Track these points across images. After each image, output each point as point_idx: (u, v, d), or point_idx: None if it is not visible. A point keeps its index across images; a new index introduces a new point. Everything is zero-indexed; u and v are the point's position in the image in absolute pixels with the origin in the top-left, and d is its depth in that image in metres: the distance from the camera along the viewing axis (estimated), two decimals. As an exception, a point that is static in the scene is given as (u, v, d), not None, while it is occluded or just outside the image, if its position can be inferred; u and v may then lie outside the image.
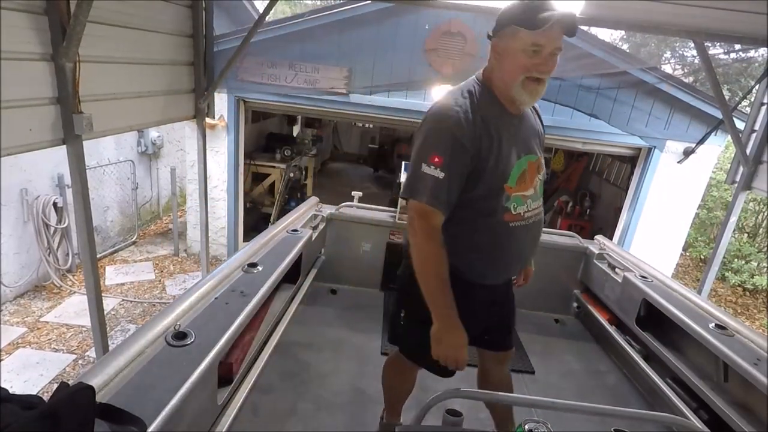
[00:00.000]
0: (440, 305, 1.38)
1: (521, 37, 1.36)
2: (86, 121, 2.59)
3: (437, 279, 1.38)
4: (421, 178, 1.37)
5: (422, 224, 1.37)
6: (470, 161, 1.39)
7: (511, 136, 1.47)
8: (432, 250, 1.38)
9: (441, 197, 1.37)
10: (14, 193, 4.67)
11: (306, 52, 5.22)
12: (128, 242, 6.45)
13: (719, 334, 1.98)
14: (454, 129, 1.37)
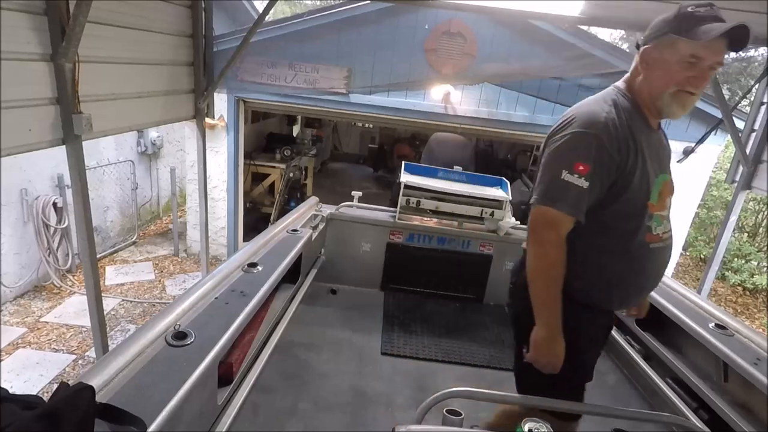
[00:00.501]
0: (551, 313, 1.35)
1: (680, 47, 1.25)
2: (86, 121, 2.59)
3: (556, 287, 1.34)
4: (563, 187, 1.31)
5: (554, 234, 1.33)
6: (615, 173, 1.32)
7: (652, 151, 1.40)
8: (559, 259, 1.34)
9: (581, 208, 1.31)
10: (14, 193, 4.67)
11: (306, 52, 5.22)
12: (128, 242, 6.45)
13: (719, 334, 1.97)
14: (603, 137, 1.29)
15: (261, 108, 6.11)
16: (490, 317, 3.09)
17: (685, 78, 1.27)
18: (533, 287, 1.36)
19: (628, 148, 1.33)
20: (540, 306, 1.36)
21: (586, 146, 1.30)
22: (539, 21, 4.54)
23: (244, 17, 9.10)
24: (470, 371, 2.49)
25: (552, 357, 1.36)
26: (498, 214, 3.09)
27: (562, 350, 1.36)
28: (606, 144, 1.30)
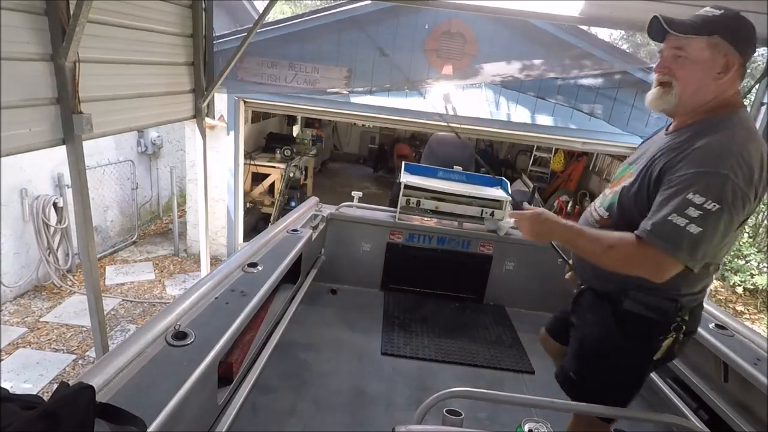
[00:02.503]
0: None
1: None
2: (86, 121, 2.59)
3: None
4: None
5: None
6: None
7: (645, 148, 1.43)
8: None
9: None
10: (14, 192, 4.67)
11: (306, 52, 5.23)
12: (128, 242, 6.45)
13: (719, 334, 1.98)
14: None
15: (261, 108, 6.11)
16: (489, 317, 3.09)
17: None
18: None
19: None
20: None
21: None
22: (539, 21, 4.54)
23: (244, 17, 9.11)
24: (470, 371, 2.49)
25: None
26: (498, 214, 3.09)
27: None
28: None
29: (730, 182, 1.10)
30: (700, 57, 1.22)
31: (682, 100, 1.26)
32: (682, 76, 1.25)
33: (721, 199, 1.10)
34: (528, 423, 1.28)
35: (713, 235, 1.12)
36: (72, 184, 2.72)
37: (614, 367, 1.41)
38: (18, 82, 2.28)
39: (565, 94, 5.29)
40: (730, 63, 1.22)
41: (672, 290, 1.28)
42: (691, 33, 1.22)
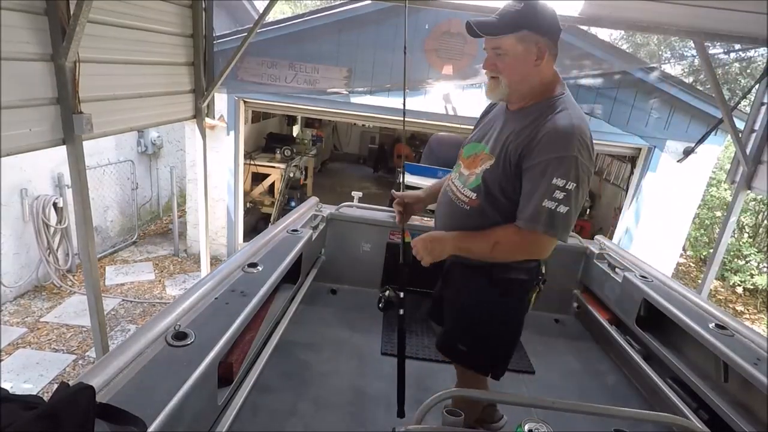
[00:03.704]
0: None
1: None
2: (86, 121, 2.59)
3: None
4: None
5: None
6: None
7: (488, 125, 1.57)
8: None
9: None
10: (14, 193, 4.67)
11: (306, 52, 5.23)
12: (128, 242, 6.46)
13: (719, 334, 1.98)
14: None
15: (261, 108, 6.11)
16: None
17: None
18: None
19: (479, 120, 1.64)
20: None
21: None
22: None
23: (244, 17, 9.11)
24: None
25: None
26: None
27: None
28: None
29: (579, 162, 1.28)
30: (515, 51, 1.35)
31: (512, 90, 1.41)
32: (505, 71, 1.39)
33: (577, 178, 1.28)
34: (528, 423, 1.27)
35: (576, 210, 1.31)
36: (72, 184, 2.72)
37: (498, 328, 1.57)
38: (18, 82, 2.28)
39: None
40: (542, 49, 1.35)
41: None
42: (500, 33, 1.35)
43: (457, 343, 1.63)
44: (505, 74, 1.39)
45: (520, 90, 1.41)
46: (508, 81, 1.40)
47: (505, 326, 1.57)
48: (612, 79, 5.21)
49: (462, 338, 1.62)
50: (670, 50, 13.68)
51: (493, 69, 1.41)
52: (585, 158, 1.29)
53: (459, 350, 1.62)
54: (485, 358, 1.61)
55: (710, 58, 3.80)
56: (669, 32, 3.40)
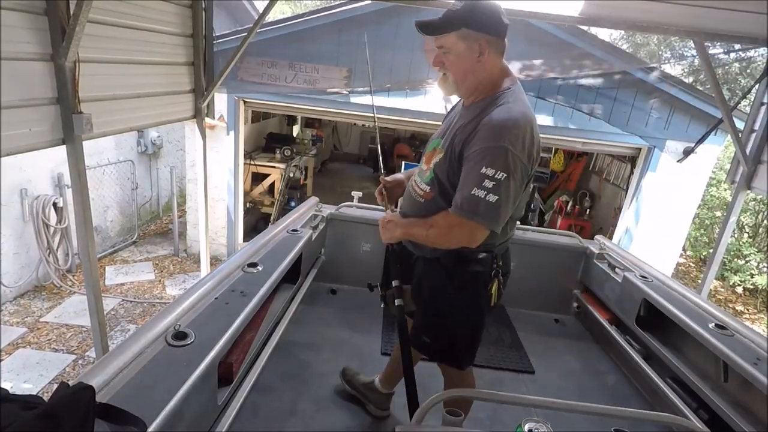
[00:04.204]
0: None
1: None
2: (86, 121, 2.59)
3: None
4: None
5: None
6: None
7: (448, 121, 1.61)
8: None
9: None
10: (14, 193, 4.67)
11: (306, 52, 5.23)
12: (128, 242, 6.46)
13: (719, 334, 1.98)
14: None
15: (261, 108, 6.11)
16: (489, 317, 3.08)
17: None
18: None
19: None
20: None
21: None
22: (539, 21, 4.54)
23: (244, 17, 9.10)
24: None
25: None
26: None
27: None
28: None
29: (510, 153, 1.30)
30: (457, 48, 1.42)
31: (459, 85, 1.48)
32: (450, 67, 1.46)
33: (506, 169, 1.31)
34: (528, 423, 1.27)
35: (507, 200, 1.34)
36: (72, 184, 2.72)
37: (457, 320, 1.61)
38: (18, 82, 2.28)
39: (564, 94, 5.29)
40: (482, 46, 1.40)
41: (484, 245, 1.48)
42: (441, 32, 1.43)
43: (422, 336, 1.68)
44: (450, 70, 1.47)
45: (467, 85, 1.48)
46: (453, 77, 1.48)
47: (464, 318, 1.61)
48: (612, 79, 5.21)
49: (425, 330, 1.68)
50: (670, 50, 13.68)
51: (440, 66, 1.49)
52: (518, 150, 1.32)
53: (424, 342, 1.68)
54: (447, 349, 1.66)
55: (710, 58, 3.80)
56: (669, 32, 3.40)
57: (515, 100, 1.41)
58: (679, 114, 5.31)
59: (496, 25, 1.40)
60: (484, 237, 1.39)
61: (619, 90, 5.27)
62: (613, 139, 5.46)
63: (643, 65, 5.48)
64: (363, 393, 2.07)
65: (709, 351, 1.96)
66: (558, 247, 3.20)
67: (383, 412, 2.04)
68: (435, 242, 1.50)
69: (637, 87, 5.23)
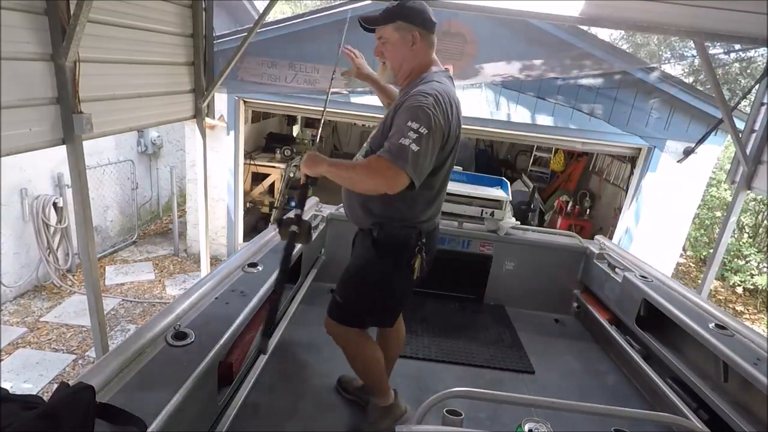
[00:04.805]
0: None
1: None
2: (86, 121, 2.59)
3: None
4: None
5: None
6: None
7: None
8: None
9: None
10: (14, 193, 4.67)
11: (306, 52, 5.22)
12: (128, 242, 6.46)
13: (719, 334, 1.98)
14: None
15: (261, 108, 6.11)
16: (489, 317, 3.09)
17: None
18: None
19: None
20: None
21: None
22: (539, 21, 4.54)
23: (244, 17, 9.10)
24: (470, 371, 2.49)
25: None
26: (498, 214, 3.08)
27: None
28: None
29: (433, 114, 1.46)
30: (393, 39, 1.62)
31: (395, 71, 1.68)
32: (388, 56, 1.66)
33: (429, 126, 1.45)
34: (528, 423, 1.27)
35: (426, 152, 1.46)
36: (72, 184, 2.72)
37: (375, 284, 1.72)
38: (18, 81, 2.28)
39: (565, 94, 5.29)
40: (415, 36, 1.61)
41: (411, 220, 1.65)
42: (379, 24, 1.63)
43: (336, 295, 1.79)
44: (388, 58, 1.66)
45: (402, 71, 1.67)
46: (390, 63, 1.67)
47: (381, 283, 1.71)
48: (612, 79, 5.21)
49: (341, 289, 1.79)
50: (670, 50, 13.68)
51: (380, 55, 1.68)
52: (439, 114, 1.47)
53: (335, 301, 1.79)
54: (354, 309, 1.77)
55: (710, 58, 3.80)
56: (669, 32, 3.40)
57: (440, 80, 1.60)
58: (679, 114, 5.31)
59: (426, 20, 1.62)
60: (404, 184, 1.46)
61: (619, 90, 5.27)
62: (613, 139, 5.46)
63: (643, 65, 5.49)
64: (360, 397, 2.09)
65: (709, 351, 1.96)
66: (558, 247, 3.20)
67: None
68: (357, 182, 1.57)
69: (637, 87, 5.23)
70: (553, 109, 5.35)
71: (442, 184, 1.69)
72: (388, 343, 2.00)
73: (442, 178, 1.67)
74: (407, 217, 1.65)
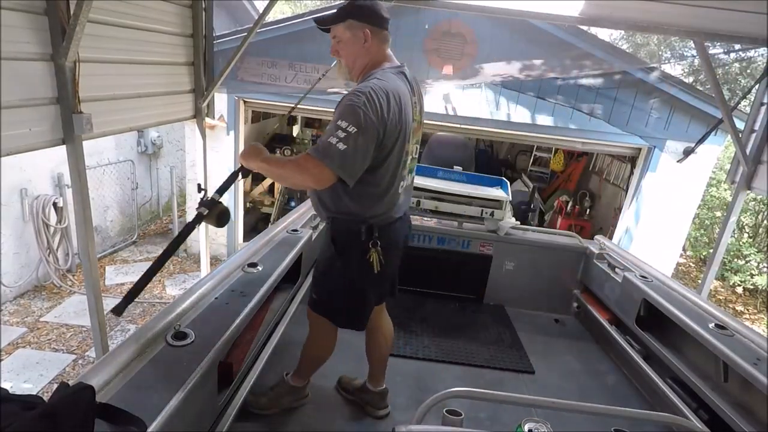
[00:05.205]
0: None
1: None
2: (86, 121, 2.59)
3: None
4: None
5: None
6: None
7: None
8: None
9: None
10: (14, 193, 4.67)
11: (306, 52, 5.23)
12: (128, 242, 6.46)
13: (719, 334, 1.98)
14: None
15: (261, 108, 6.11)
16: (489, 317, 3.09)
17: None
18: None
19: None
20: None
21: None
22: (539, 21, 4.54)
23: (244, 17, 9.10)
24: (470, 371, 2.49)
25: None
26: (498, 214, 3.08)
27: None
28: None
29: (364, 113, 1.47)
30: (345, 37, 1.65)
31: (350, 68, 1.72)
32: (343, 54, 1.70)
33: (358, 125, 1.46)
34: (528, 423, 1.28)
35: (355, 151, 1.47)
36: (72, 184, 2.72)
37: (336, 281, 1.76)
38: (18, 82, 2.28)
39: (565, 94, 5.29)
40: (366, 34, 1.63)
41: (361, 215, 1.67)
42: (331, 24, 1.66)
43: (311, 292, 1.88)
44: (342, 56, 1.70)
45: (356, 68, 1.71)
46: (345, 61, 1.71)
47: (340, 279, 1.75)
48: (612, 79, 5.21)
49: (313, 286, 1.88)
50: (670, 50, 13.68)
51: (336, 54, 1.71)
52: (371, 112, 1.48)
53: (311, 297, 1.86)
54: (327, 305, 1.84)
55: (710, 58, 3.80)
56: (669, 32, 3.40)
57: (384, 76, 1.60)
58: (679, 114, 5.31)
59: (377, 17, 1.63)
60: (331, 180, 1.51)
61: (619, 90, 5.27)
62: (613, 139, 5.46)
63: (643, 65, 5.49)
64: (359, 396, 2.11)
65: (709, 351, 1.96)
66: (558, 247, 3.20)
67: (381, 411, 2.06)
68: (287, 178, 1.64)
69: (637, 87, 5.24)
70: (553, 109, 5.35)
71: (391, 180, 1.67)
72: (375, 343, 2.05)
73: (390, 174, 1.65)
74: (355, 212, 1.67)
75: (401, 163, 1.67)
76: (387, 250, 1.72)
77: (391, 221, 1.76)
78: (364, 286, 1.77)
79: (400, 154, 1.64)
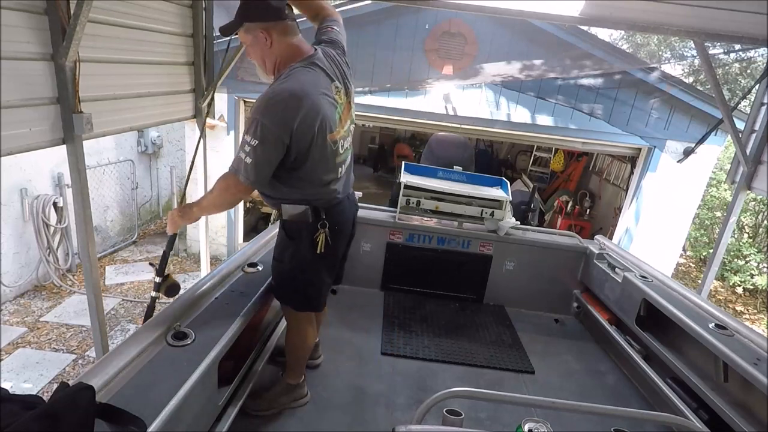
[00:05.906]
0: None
1: None
2: (86, 120, 2.59)
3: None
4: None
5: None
6: None
7: None
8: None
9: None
10: (14, 192, 4.67)
11: (306, 51, 5.22)
12: (128, 242, 6.46)
13: (719, 334, 1.98)
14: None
15: (261, 108, 6.10)
16: (489, 317, 3.09)
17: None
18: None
19: None
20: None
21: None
22: (539, 21, 4.54)
23: (244, 17, 9.09)
24: (470, 371, 2.49)
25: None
26: (498, 214, 3.08)
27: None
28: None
29: (261, 123, 1.50)
30: (249, 41, 1.66)
31: (263, 68, 1.72)
32: (252, 57, 1.71)
33: (258, 137, 1.50)
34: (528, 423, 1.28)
35: (260, 162, 1.54)
36: (72, 183, 2.72)
37: (290, 265, 1.81)
38: (18, 81, 2.28)
39: (565, 94, 5.30)
40: (266, 34, 1.60)
41: (304, 200, 1.71)
42: (230, 33, 1.66)
43: (273, 280, 1.93)
44: (255, 59, 1.71)
45: (268, 67, 1.70)
46: (259, 64, 1.72)
47: (294, 263, 1.80)
48: (612, 79, 5.21)
49: (272, 276, 1.93)
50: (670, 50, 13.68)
51: (251, 58, 1.73)
52: (268, 121, 1.50)
53: (272, 285, 1.93)
54: (284, 291, 1.90)
55: (710, 58, 3.79)
56: (669, 32, 3.39)
57: (292, 77, 1.58)
58: (679, 114, 5.31)
59: (269, 12, 1.59)
60: (247, 191, 1.61)
61: (620, 90, 5.27)
62: (614, 139, 5.46)
63: (644, 65, 5.49)
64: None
65: (709, 351, 1.96)
66: (558, 247, 3.20)
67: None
68: (217, 200, 1.69)
69: (638, 87, 5.24)
70: (553, 109, 5.35)
71: (324, 168, 1.69)
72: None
73: (321, 164, 1.67)
74: (296, 198, 1.71)
75: (331, 152, 1.68)
76: (335, 232, 1.78)
77: (336, 203, 1.80)
78: (316, 266, 1.82)
79: (324, 145, 1.63)
